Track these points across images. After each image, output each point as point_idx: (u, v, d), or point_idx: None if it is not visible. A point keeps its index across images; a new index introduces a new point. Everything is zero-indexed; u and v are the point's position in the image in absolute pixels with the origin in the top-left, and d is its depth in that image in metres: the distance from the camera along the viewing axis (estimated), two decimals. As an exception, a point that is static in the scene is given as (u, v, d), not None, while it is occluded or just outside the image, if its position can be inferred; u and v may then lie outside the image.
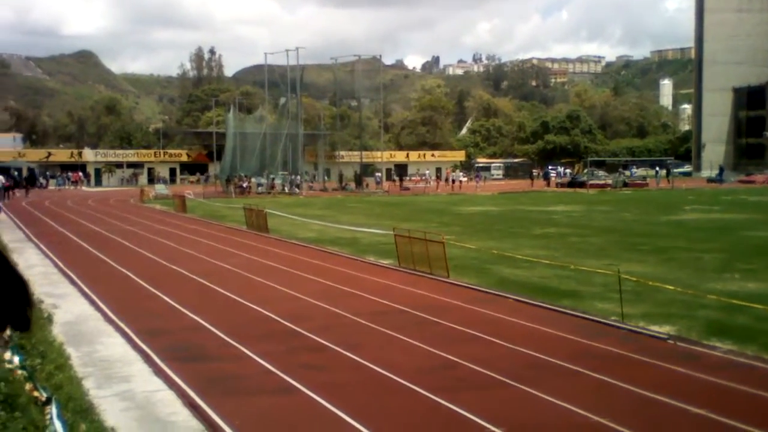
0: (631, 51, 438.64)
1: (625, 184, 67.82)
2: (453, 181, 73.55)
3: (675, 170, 79.53)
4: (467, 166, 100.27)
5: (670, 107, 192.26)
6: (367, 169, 76.65)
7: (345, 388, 9.07)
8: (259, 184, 65.08)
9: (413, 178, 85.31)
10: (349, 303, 14.23)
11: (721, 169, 78.67)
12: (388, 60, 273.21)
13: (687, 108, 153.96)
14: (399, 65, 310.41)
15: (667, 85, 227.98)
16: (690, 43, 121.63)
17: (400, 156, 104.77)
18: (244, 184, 62.85)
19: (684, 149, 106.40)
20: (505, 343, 11.02)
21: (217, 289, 16.05)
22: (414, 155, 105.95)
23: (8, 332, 2.19)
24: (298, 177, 66.42)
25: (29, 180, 72.08)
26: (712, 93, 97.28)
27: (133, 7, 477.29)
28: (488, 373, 9.48)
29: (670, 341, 11.12)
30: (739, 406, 8.21)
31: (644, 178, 74.07)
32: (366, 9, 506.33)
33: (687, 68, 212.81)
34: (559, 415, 8.01)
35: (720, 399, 8.48)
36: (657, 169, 75.86)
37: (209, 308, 13.88)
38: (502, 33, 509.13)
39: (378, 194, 62.35)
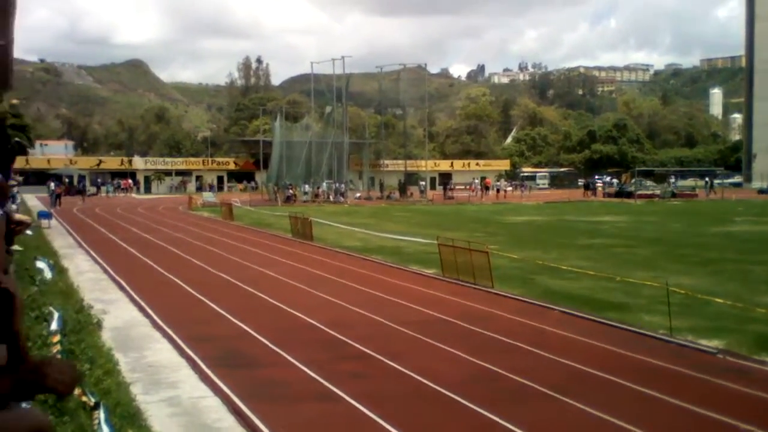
0: (681, 59, 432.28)
1: (674, 195, 66.88)
2: (498, 191, 73.25)
3: (725, 181, 78.22)
4: (512, 176, 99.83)
5: (720, 116, 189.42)
6: (411, 178, 76.71)
7: (388, 397, 9.08)
8: (304, 192, 65.57)
9: (468, 186, 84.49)
10: (392, 312, 14.25)
11: None
12: (434, 69, 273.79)
13: (737, 117, 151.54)
14: (444, 74, 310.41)
15: (717, 94, 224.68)
16: (740, 51, 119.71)
17: (444, 165, 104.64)
18: (290, 192, 63.31)
19: (734, 159, 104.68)
20: (549, 355, 10.93)
21: (263, 296, 16.19)
22: (458, 164, 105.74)
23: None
24: (343, 185, 66.73)
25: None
26: (763, 102, 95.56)
27: (183, 17, 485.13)
28: (532, 384, 9.42)
29: (719, 355, 10.94)
30: (789, 423, 8.04)
31: (693, 188, 72.97)
32: (412, 17, 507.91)
33: (737, 77, 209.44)
34: (604, 429, 7.93)
35: (770, 415, 8.31)
36: (707, 179, 74.72)
37: (255, 315, 14.01)
38: (549, 41, 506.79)
39: (422, 203, 62.32)
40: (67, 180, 76.75)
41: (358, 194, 70.70)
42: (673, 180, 78.57)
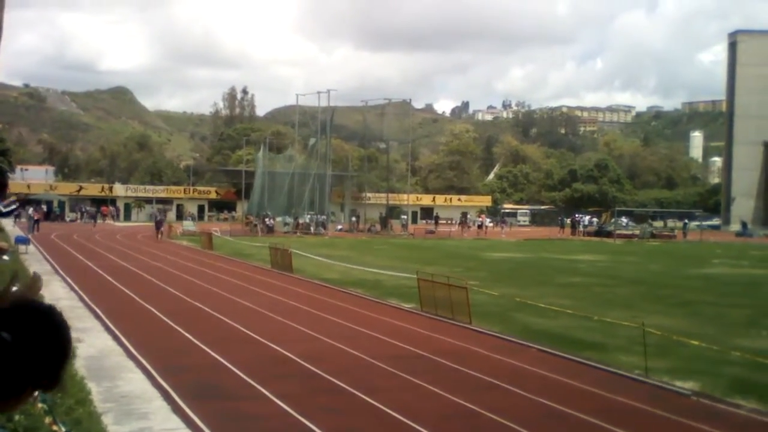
0: (664, 102, 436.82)
1: (653, 235, 67.38)
2: (479, 226, 73.50)
3: (704, 223, 78.96)
4: (493, 212, 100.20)
5: (700, 159, 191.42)
6: (393, 212, 76.77)
7: (362, 433, 9.01)
8: (285, 223, 65.39)
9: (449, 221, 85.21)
10: (369, 346, 14.20)
11: (744, 224, 78.23)
12: (418, 104, 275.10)
13: (717, 161, 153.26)
14: (429, 109, 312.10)
15: (697, 137, 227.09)
16: (722, 95, 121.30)
17: (426, 199, 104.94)
18: (271, 223, 63.09)
19: (713, 202, 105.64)
20: (526, 394, 10.91)
21: (239, 327, 16.09)
22: (441, 199, 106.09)
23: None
24: (324, 217, 66.70)
25: (49, 212, 74.89)
26: (742, 146, 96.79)
27: (171, 46, 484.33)
28: (508, 423, 9.38)
29: (693, 397, 10.96)
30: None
31: (672, 230, 73.57)
32: (401, 53, 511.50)
33: (718, 121, 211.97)
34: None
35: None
36: (685, 221, 75.35)
37: (230, 346, 13.90)
38: (535, 80, 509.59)
39: (403, 237, 62.35)
40: (45, 206, 76.25)
41: (339, 226, 70.67)
42: (625, 221, 78.51)
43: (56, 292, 21.06)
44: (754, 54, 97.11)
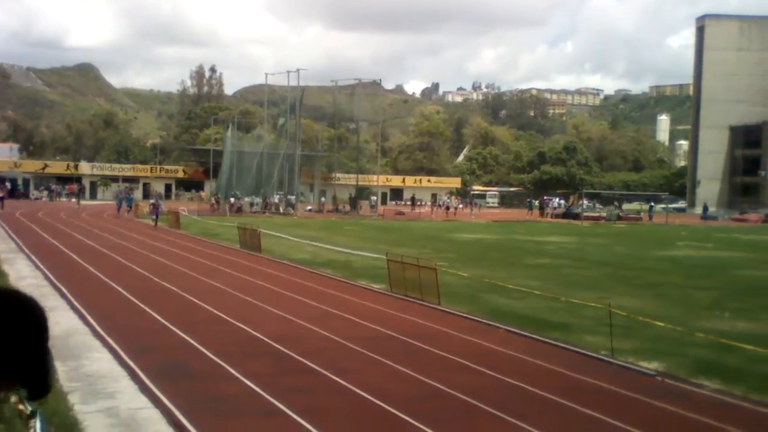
0: (633, 85, 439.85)
1: (619, 218, 68.07)
2: (448, 208, 73.75)
3: (670, 206, 79.94)
4: (463, 193, 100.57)
5: (666, 143, 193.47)
6: (362, 192, 76.73)
7: (331, 413, 9.03)
8: (252, 203, 65.03)
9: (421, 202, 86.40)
10: (339, 327, 14.20)
11: (705, 207, 79.36)
12: (389, 84, 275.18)
13: (683, 144, 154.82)
14: (399, 90, 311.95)
15: (664, 121, 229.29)
16: (689, 79, 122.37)
17: (396, 180, 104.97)
18: (240, 203, 62.72)
19: (679, 185, 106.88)
20: (494, 374, 10.99)
21: (207, 307, 16.00)
22: (410, 180, 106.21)
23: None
24: (293, 197, 66.46)
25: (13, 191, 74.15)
26: (708, 130, 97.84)
27: (139, 22, 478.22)
28: (476, 403, 9.44)
29: (658, 378, 11.11)
30: (725, 446, 8.17)
31: (638, 212, 74.38)
32: (373, 33, 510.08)
33: (685, 104, 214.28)
34: (544, 449, 7.97)
35: (706, 438, 8.44)
36: (651, 203, 76.18)
37: (198, 326, 13.83)
38: (506, 62, 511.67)
39: (372, 218, 62.37)
40: (9, 183, 75.23)
41: (308, 207, 70.51)
42: (587, 203, 79.00)
43: (21, 271, 20.82)
44: (722, 38, 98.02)
